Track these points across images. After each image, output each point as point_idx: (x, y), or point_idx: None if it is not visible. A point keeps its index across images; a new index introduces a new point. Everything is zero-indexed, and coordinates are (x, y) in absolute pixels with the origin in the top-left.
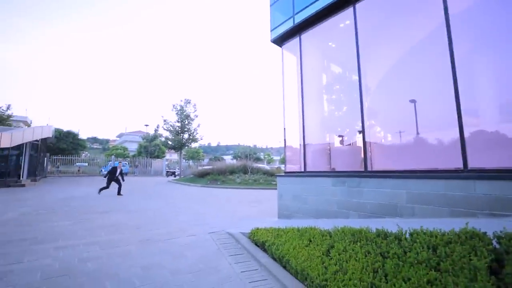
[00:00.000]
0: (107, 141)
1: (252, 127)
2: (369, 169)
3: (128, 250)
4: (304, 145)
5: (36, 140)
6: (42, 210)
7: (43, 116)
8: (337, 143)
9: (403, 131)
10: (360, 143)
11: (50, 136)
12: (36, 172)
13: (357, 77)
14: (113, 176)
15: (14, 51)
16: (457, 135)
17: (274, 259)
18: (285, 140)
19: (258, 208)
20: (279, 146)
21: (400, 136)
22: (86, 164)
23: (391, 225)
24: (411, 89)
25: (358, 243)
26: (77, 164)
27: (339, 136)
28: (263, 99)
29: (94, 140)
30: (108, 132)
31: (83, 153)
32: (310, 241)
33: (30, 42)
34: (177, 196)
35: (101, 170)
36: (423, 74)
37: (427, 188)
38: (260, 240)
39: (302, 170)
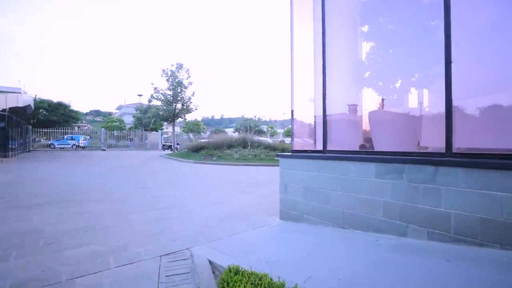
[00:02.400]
0: (110, 113)
1: (256, 99)
2: (454, 150)
3: None
4: (324, 109)
5: (3, 110)
6: None
7: (43, 89)
8: (376, 106)
9: None
10: (428, 105)
11: (20, 105)
12: (7, 147)
13: None
14: None
15: (19, 25)
16: None
17: None
18: (292, 98)
19: (255, 196)
20: (283, 119)
21: None
22: (88, 137)
23: None
24: None
25: None
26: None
27: (382, 97)
28: (268, 69)
29: (97, 113)
30: (110, 104)
31: (80, 125)
32: None
33: (32, 14)
34: (159, 176)
35: (53, 144)
36: None
37: None
38: None
39: (321, 148)
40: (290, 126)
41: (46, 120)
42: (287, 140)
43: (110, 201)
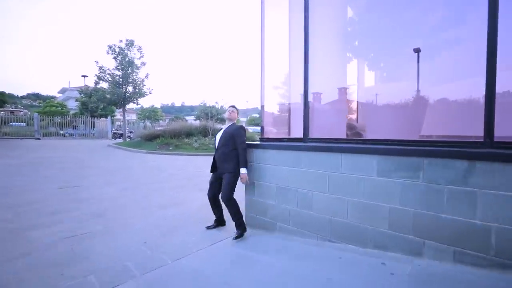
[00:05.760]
0: (52, 98)
1: (219, 87)
2: (496, 139)
3: None
4: (306, 80)
5: None
6: None
7: None
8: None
9: None
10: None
11: None
12: None
13: None
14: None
15: None
16: None
17: None
18: (262, 70)
19: None
20: (246, 107)
21: None
22: (24, 124)
23: None
24: None
25: None
26: (12, 124)
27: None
28: (230, 57)
29: (36, 96)
30: (52, 87)
31: (14, 110)
32: None
33: None
34: (98, 170)
35: None
36: None
37: None
38: None
39: (300, 135)
40: (253, 115)
41: None
42: (251, 129)
43: (10, 208)
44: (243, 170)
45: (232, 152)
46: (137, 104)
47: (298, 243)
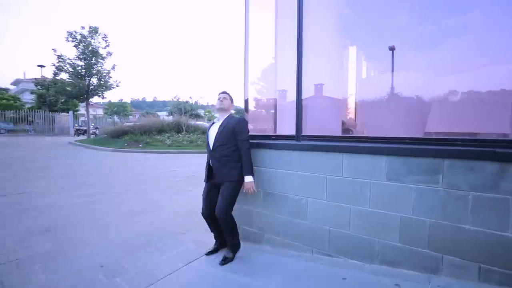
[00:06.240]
0: (6, 90)
1: (193, 83)
2: None
3: None
4: (300, 66)
5: None
6: None
7: None
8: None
9: None
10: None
11: None
12: None
13: None
14: None
15: None
16: None
17: None
18: (245, 57)
19: (189, 198)
20: None
21: None
22: None
23: None
24: None
25: None
26: None
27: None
28: (205, 48)
29: None
30: (4, 79)
31: None
32: None
33: None
34: (54, 172)
35: None
36: None
37: None
38: None
39: (292, 132)
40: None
41: None
42: None
43: None
44: (248, 178)
45: (235, 153)
46: (103, 98)
47: (291, 259)
